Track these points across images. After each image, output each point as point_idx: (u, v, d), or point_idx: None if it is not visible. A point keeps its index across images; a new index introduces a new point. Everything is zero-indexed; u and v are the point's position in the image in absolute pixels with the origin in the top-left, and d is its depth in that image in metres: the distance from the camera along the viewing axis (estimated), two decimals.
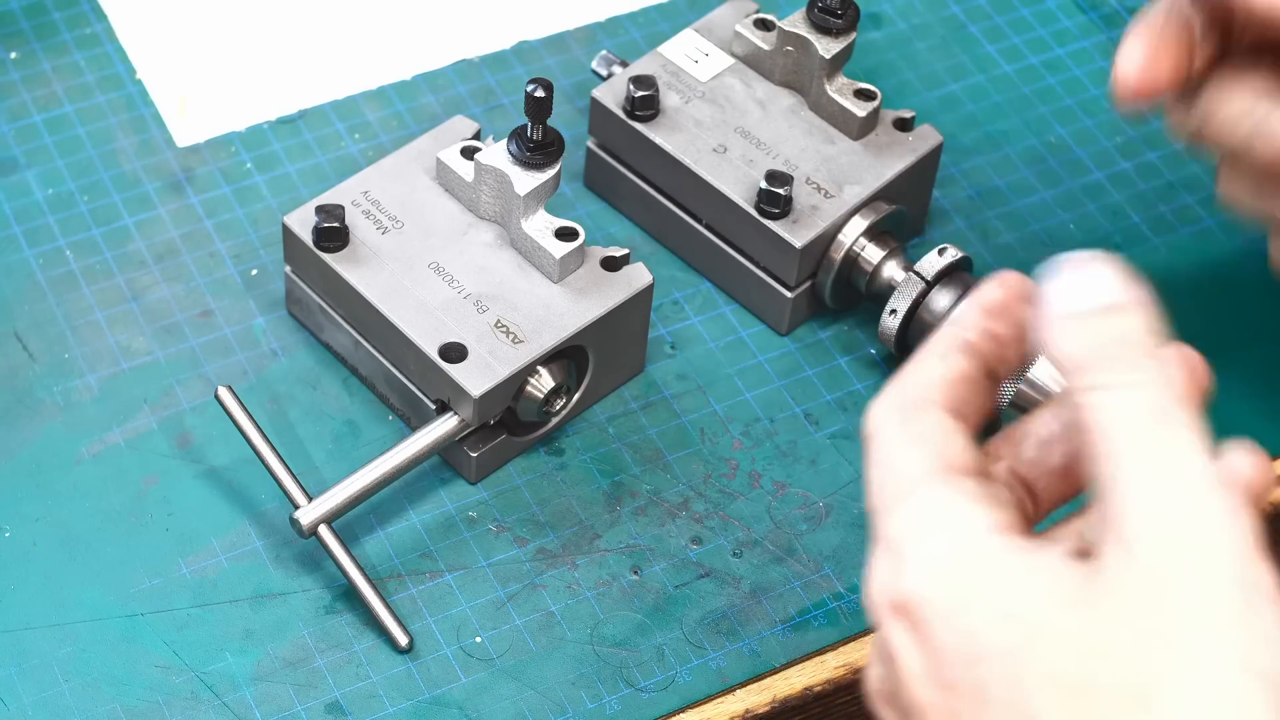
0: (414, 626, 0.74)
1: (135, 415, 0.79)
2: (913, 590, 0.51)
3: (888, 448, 0.55)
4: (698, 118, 0.84)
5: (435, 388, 0.76)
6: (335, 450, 0.78)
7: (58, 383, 0.80)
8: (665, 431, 0.80)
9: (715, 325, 0.84)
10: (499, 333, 0.76)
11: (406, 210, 0.80)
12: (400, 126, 0.89)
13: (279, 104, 0.90)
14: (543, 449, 0.80)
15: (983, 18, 0.95)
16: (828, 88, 0.83)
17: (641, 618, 0.75)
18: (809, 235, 0.80)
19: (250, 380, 0.80)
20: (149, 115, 0.89)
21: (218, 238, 0.85)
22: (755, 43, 0.85)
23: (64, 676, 0.72)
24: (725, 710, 0.73)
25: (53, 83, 0.89)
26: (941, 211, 0.88)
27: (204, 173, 0.87)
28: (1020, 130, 0.91)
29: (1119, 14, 0.96)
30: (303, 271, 0.80)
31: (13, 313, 0.82)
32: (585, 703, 0.73)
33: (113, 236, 0.84)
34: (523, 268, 0.78)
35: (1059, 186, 0.89)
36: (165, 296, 0.83)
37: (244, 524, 0.76)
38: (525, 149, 0.77)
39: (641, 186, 0.85)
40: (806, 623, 0.75)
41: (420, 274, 0.78)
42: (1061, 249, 0.87)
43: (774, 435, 0.80)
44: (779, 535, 0.77)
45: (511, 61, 0.92)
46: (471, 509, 0.78)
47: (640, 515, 0.78)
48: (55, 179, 0.86)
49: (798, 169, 0.82)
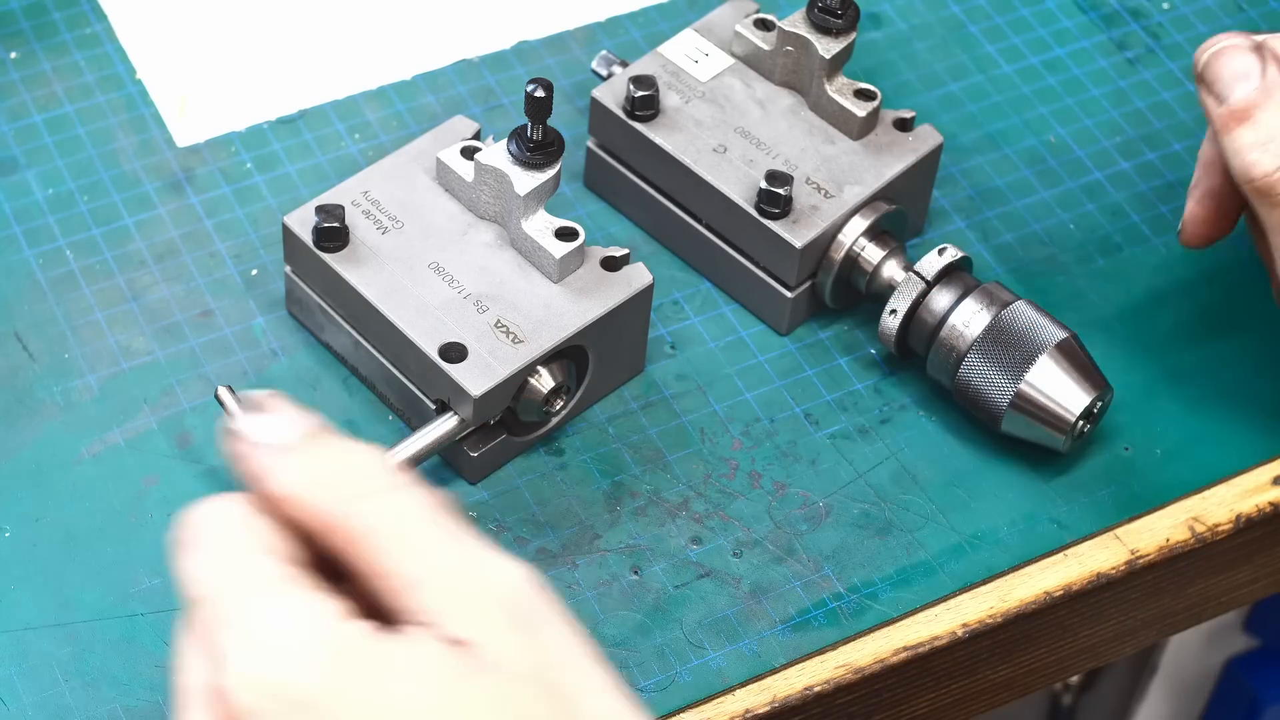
0: None
1: (135, 415, 0.79)
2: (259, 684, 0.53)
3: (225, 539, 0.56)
4: (698, 118, 0.84)
5: (435, 388, 0.76)
6: None
7: (58, 383, 0.80)
8: (665, 431, 0.80)
9: (715, 325, 0.84)
10: (499, 333, 0.76)
11: (406, 210, 0.80)
12: (400, 126, 0.89)
13: (279, 104, 0.90)
14: (543, 449, 0.80)
15: (983, 18, 0.95)
16: (828, 88, 0.83)
17: (641, 618, 0.75)
18: (809, 235, 0.80)
19: (250, 380, 0.80)
20: (149, 115, 0.89)
21: (218, 238, 0.85)
22: (755, 43, 0.85)
23: (64, 676, 0.72)
24: (725, 710, 0.73)
25: (53, 83, 0.89)
26: (941, 211, 0.88)
27: (204, 173, 0.87)
28: (1020, 130, 0.91)
29: (1119, 14, 0.96)
30: (303, 271, 0.80)
31: (13, 313, 0.82)
32: None
33: (113, 236, 0.84)
34: (523, 268, 0.78)
35: (1059, 186, 0.89)
36: (165, 296, 0.83)
37: None
38: (525, 149, 0.77)
39: (641, 186, 0.85)
40: (806, 623, 0.75)
41: (420, 274, 0.78)
42: (1061, 249, 0.87)
43: (774, 435, 0.80)
44: (779, 535, 0.77)
45: (511, 61, 0.92)
46: (471, 509, 0.78)
47: (640, 515, 0.78)
48: (55, 179, 0.86)
49: (798, 169, 0.82)
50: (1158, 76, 0.93)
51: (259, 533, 0.56)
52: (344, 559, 0.56)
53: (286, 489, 0.56)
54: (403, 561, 0.55)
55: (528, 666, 0.53)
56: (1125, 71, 0.94)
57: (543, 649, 0.54)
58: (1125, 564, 0.78)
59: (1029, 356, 0.77)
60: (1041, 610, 0.77)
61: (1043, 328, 0.78)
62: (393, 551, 0.55)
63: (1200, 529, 0.79)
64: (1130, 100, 0.92)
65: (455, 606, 0.54)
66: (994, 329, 0.78)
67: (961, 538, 0.78)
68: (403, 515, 0.56)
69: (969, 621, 0.76)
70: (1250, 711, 1.28)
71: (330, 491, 0.56)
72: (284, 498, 0.56)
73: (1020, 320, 0.78)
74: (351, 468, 0.56)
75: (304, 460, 0.57)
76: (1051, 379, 0.77)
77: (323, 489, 0.56)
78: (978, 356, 0.78)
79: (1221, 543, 0.79)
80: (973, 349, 0.78)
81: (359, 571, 0.55)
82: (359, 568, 0.55)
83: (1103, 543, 0.78)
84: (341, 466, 0.56)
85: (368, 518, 0.55)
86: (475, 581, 0.54)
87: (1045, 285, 0.85)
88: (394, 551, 0.55)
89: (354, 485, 0.56)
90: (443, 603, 0.54)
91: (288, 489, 0.56)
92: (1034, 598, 0.77)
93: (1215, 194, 0.79)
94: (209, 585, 0.55)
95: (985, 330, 0.78)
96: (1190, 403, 0.82)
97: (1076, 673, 0.86)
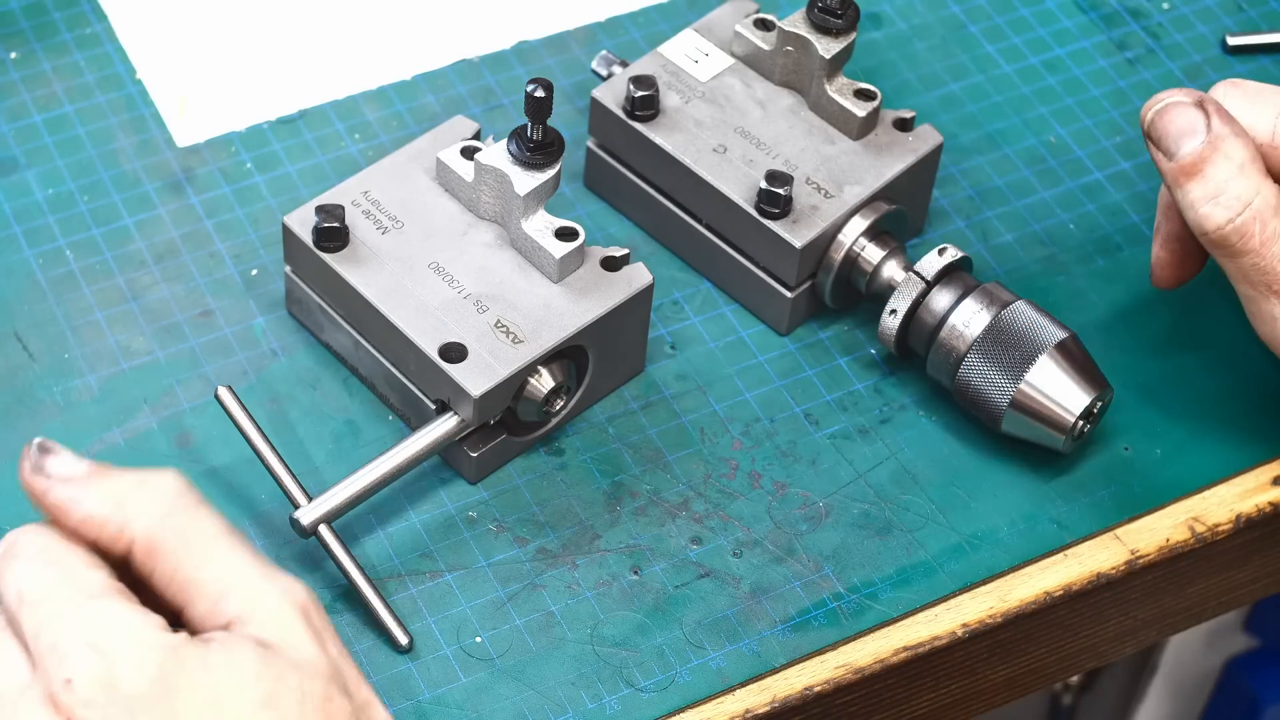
0: (414, 626, 0.74)
1: (135, 415, 0.79)
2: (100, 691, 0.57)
3: (54, 551, 0.60)
4: (698, 118, 0.84)
5: (435, 388, 0.76)
6: (335, 450, 0.78)
7: (58, 383, 0.80)
8: (665, 431, 0.80)
9: (715, 325, 0.84)
10: (499, 333, 0.76)
11: (406, 210, 0.80)
12: (400, 126, 0.89)
13: (279, 104, 0.90)
14: (543, 449, 0.80)
15: (983, 18, 0.95)
16: (828, 88, 0.83)
17: (641, 618, 0.75)
18: (809, 235, 0.80)
19: (250, 380, 0.80)
20: (149, 115, 0.89)
21: (218, 238, 0.85)
22: (755, 43, 0.85)
23: None
24: (725, 710, 0.73)
25: (53, 83, 0.89)
26: (941, 211, 0.88)
27: (204, 173, 0.87)
28: (1020, 130, 0.91)
29: (1119, 14, 0.96)
30: (303, 271, 0.80)
31: (13, 313, 0.82)
32: (585, 703, 0.73)
33: (113, 236, 0.84)
34: (523, 268, 0.78)
35: (1059, 186, 0.89)
36: (165, 296, 0.83)
37: (244, 524, 0.76)
38: (525, 149, 0.77)
39: (641, 186, 0.85)
40: (806, 623, 0.75)
41: (420, 274, 0.78)
42: (1061, 249, 0.87)
43: (774, 435, 0.80)
44: (779, 535, 0.77)
45: (511, 61, 0.92)
46: (471, 509, 0.78)
47: (640, 515, 0.78)
48: (55, 179, 0.86)
49: (798, 169, 0.82)
50: (1158, 76, 0.93)
51: (83, 549, 0.60)
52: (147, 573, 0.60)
53: (95, 511, 0.60)
54: (212, 570, 0.60)
55: (324, 665, 0.59)
56: (1125, 71, 0.94)
57: (331, 654, 0.60)
58: (1125, 564, 0.78)
59: (1029, 356, 0.77)
60: (1041, 610, 0.77)
61: (1043, 328, 0.78)
62: (201, 561, 0.60)
63: (1200, 529, 0.79)
64: (1130, 100, 0.92)
65: (260, 612, 0.59)
66: (994, 329, 0.78)
67: (961, 538, 0.78)
68: (206, 530, 0.61)
69: (969, 621, 0.76)
70: (1250, 711, 1.28)
71: (139, 509, 0.60)
72: (92, 520, 0.60)
73: (1020, 320, 0.78)
74: (153, 489, 0.61)
75: (109, 485, 0.61)
76: (1051, 379, 0.77)
77: (132, 508, 0.60)
78: (978, 356, 0.78)
79: (1221, 543, 0.79)
80: (973, 349, 0.78)
81: (165, 581, 0.60)
82: (166, 577, 0.60)
83: (1103, 543, 0.78)
84: (143, 488, 0.61)
85: (179, 531, 0.60)
86: (275, 593, 0.60)
87: (1045, 285, 0.85)
88: (203, 562, 0.60)
89: (158, 504, 0.60)
90: (249, 608, 0.59)
91: (96, 511, 0.60)
92: (1034, 598, 0.77)
93: (1178, 238, 0.80)
94: (39, 590, 0.59)
95: (985, 330, 0.78)
96: (1190, 403, 0.82)
97: (1076, 673, 0.86)
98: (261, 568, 0.61)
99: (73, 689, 0.57)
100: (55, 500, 0.61)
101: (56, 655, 0.57)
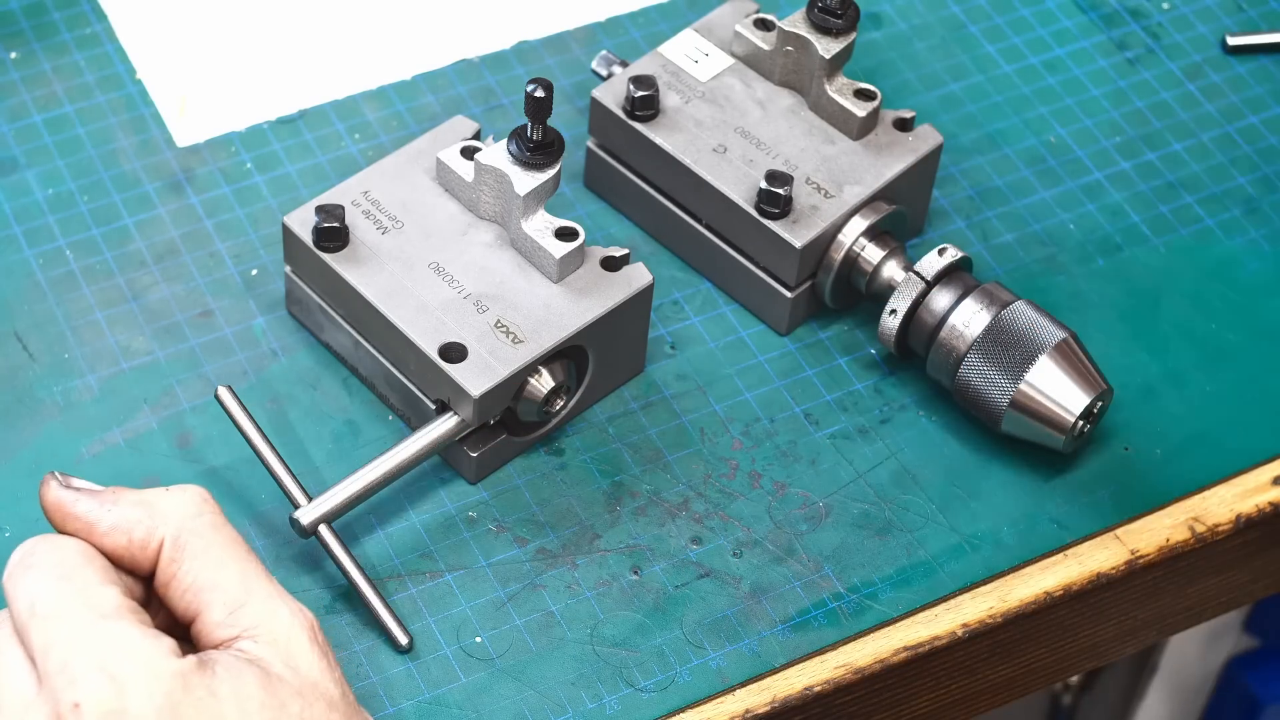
0: (414, 626, 0.74)
1: (135, 415, 0.79)
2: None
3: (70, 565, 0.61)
4: (698, 118, 0.84)
5: (435, 388, 0.76)
6: (335, 450, 0.78)
7: (58, 383, 0.80)
8: (665, 431, 0.80)
9: (715, 325, 0.84)
10: (499, 333, 0.76)
11: (406, 210, 0.80)
12: (400, 126, 0.89)
13: (279, 104, 0.90)
14: (543, 449, 0.80)
15: (983, 18, 0.95)
16: (828, 88, 0.83)
17: (641, 618, 0.75)
18: (809, 235, 0.80)
19: (250, 380, 0.80)
20: (149, 115, 0.89)
21: (218, 238, 0.85)
22: (755, 43, 0.85)
23: None
24: (725, 710, 0.73)
25: (53, 83, 0.89)
26: (941, 211, 0.88)
27: (204, 173, 0.87)
28: (1020, 130, 0.91)
29: (1119, 14, 0.96)
30: (303, 271, 0.80)
31: (13, 313, 0.82)
32: (585, 703, 0.73)
33: (113, 236, 0.84)
34: (523, 268, 0.78)
35: (1059, 186, 0.89)
36: (165, 296, 0.83)
37: (244, 524, 0.76)
38: (525, 149, 0.77)
39: (641, 186, 0.85)
40: (806, 623, 0.75)
41: (420, 274, 0.78)
42: (1061, 249, 0.87)
43: (774, 435, 0.80)
44: (779, 535, 0.77)
45: (511, 61, 0.92)
46: (471, 509, 0.78)
47: (640, 515, 0.78)
48: (55, 179, 0.86)
49: (798, 169, 0.82)
50: (1158, 76, 0.93)
51: (99, 566, 0.61)
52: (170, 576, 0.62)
53: (127, 515, 0.62)
54: (233, 578, 0.62)
55: (327, 688, 0.61)
56: (1125, 71, 0.94)
57: (336, 676, 0.62)
58: (1125, 564, 0.78)
59: (1029, 356, 0.77)
60: (1041, 610, 0.77)
61: (1042, 328, 0.78)
62: (224, 567, 0.62)
63: (1200, 529, 0.79)
64: (1130, 100, 0.92)
65: (274, 627, 0.61)
66: (994, 329, 0.78)
67: (961, 538, 0.78)
68: (230, 538, 0.63)
69: (969, 621, 0.76)
70: (1250, 711, 1.28)
71: (170, 511, 0.63)
72: (124, 523, 0.62)
73: (1020, 320, 0.78)
74: (181, 495, 0.63)
75: (137, 493, 0.63)
76: (1051, 379, 0.77)
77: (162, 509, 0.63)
78: (978, 356, 0.78)
79: (1221, 543, 0.79)
80: (973, 349, 0.78)
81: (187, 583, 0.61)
82: (189, 578, 0.62)
83: (1103, 543, 0.78)
84: (171, 495, 0.63)
85: (205, 535, 0.63)
86: (288, 612, 0.62)
87: (1045, 285, 0.85)
88: (225, 568, 0.62)
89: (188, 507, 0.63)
90: (264, 622, 0.61)
91: (128, 514, 0.62)
92: (1034, 598, 0.77)
93: None
94: (52, 605, 0.60)
95: (985, 330, 0.78)
96: (1190, 403, 0.82)
97: (1076, 673, 0.86)
98: (274, 586, 0.63)
99: (81, 714, 0.57)
100: (84, 509, 0.62)
101: (66, 676, 0.58)
